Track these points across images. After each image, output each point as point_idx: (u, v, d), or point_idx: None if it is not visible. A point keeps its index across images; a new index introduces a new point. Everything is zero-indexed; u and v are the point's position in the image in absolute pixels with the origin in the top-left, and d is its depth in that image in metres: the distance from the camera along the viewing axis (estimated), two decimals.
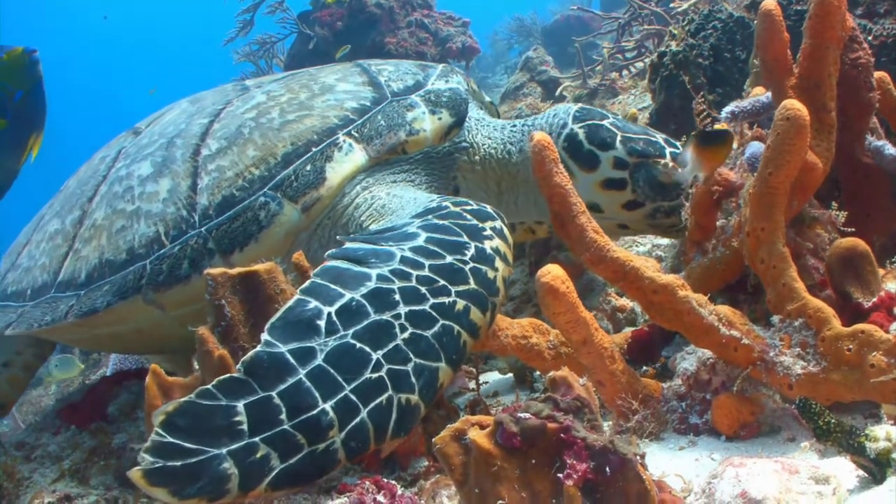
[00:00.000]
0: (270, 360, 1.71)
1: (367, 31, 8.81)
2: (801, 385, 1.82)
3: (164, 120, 3.18)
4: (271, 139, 2.74)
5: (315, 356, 1.74)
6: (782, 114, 1.84)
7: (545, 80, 8.06)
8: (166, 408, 1.56)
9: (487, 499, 1.34)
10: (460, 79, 3.12)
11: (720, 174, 2.17)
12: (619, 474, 1.32)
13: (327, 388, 1.69)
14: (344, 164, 2.68)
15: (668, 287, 1.93)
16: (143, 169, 2.89)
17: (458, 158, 3.01)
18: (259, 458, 1.55)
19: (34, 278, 3.04)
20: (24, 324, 2.93)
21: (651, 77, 4.24)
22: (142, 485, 1.45)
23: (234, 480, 1.50)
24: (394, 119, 2.80)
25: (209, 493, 1.48)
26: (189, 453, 1.51)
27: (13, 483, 2.61)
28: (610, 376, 1.96)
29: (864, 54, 2.26)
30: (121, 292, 2.70)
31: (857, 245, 1.99)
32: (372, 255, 2.05)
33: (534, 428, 1.33)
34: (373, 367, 1.76)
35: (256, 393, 1.64)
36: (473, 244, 2.12)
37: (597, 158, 2.80)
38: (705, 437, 1.96)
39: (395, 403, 1.73)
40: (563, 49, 10.66)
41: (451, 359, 1.88)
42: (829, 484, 1.56)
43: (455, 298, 1.96)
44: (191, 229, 2.67)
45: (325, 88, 2.94)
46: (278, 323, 1.80)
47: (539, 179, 2.07)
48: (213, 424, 1.57)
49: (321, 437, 1.63)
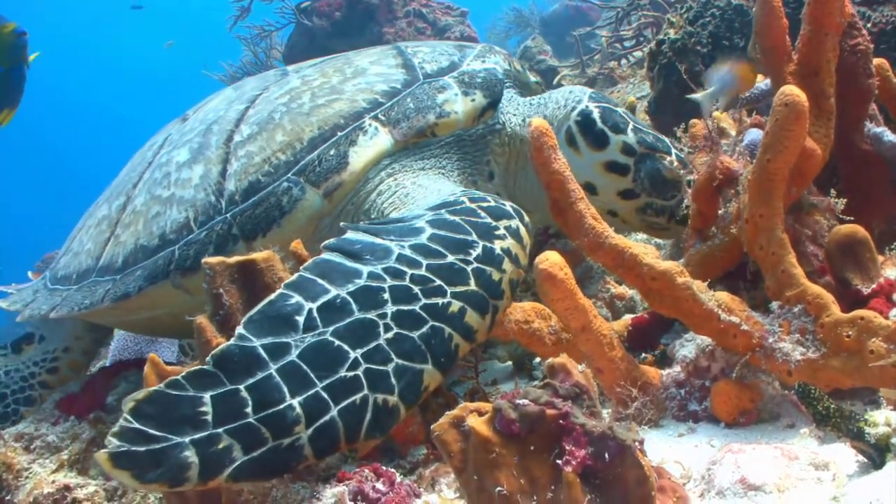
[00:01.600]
0: (241, 353, 1.68)
1: (366, 21, 8.80)
2: (801, 371, 1.82)
3: (207, 107, 3.21)
4: (300, 124, 2.72)
5: (289, 352, 1.71)
6: (781, 100, 1.83)
7: (543, 70, 8.05)
8: (136, 395, 1.56)
9: (486, 485, 1.34)
10: (499, 59, 3.04)
11: (721, 162, 2.17)
12: (618, 460, 1.31)
13: (297, 384, 1.66)
14: (368, 149, 2.63)
15: (666, 274, 1.92)
16: (181, 155, 2.92)
17: (492, 141, 2.93)
18: (221, 448, 1.53)
19: (80, 263, 3.11)
20: (66, 307, 2.99)
21: (649, 65, 4.24)
22: (106, 467, 1.45)
23: (195, 469, 1.49)
24: (423, 101, 2.74)
25: (169, 479, 1.48)
26: (153, 440, 1.50)
27: (13, 474, 2.61)
28: (609, 363, 1.96)
29: (862, 41, 2.25)
30: (151, 277, 2.73)
31: (856, 231, 1.99)
32: (368, 251, 1.99)
33: (532, 414, 1.33)
34: (349, 365, 1.72)
35: (224, 385, 1.62)
36: (482, 243, 2.04)
37: (607, 139, 2.77)
38: (704, 424, 1.96)
39: (370, 403, 1.69)
40: (561, 39, 10.66)
41: (438, 361, 1.81)
42: (828, 470, 1.57)
43: (450, 300, 1.90)
44: (217, 215, 2.67)
45: (357, 72, 2.91)
46: (256, 317, 1.77)
47: (537, 166, 2.06)
48: (179, 414, 1.56)
49: (286, 432, 1.60)
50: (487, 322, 1.95)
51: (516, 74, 3.16)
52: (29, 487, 2.50)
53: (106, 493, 2.45)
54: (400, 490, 1.69)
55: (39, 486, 2.45)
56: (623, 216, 2.87)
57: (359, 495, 1.65)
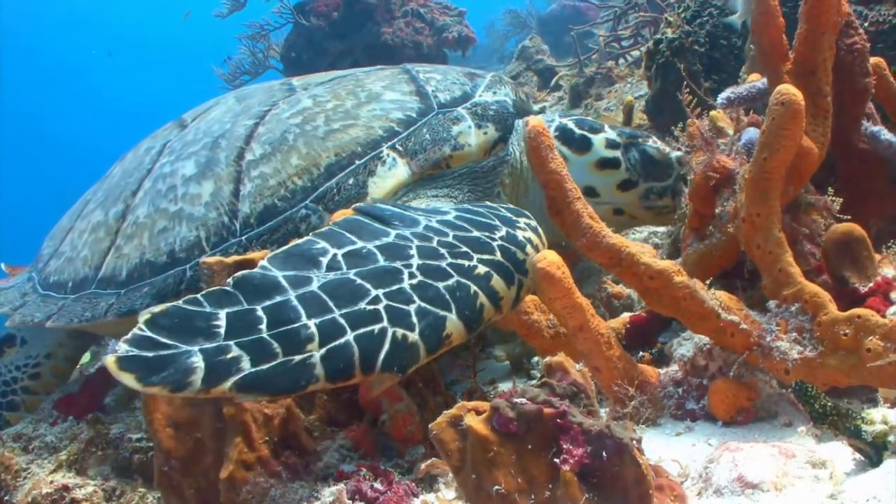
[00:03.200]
0: (262, 278, 1.71)
1: (364, 21, 8.80)
2: (798, 370, 1.82)
3: (209, 116, 3.16)
4: (315, 148, 2.72)
5: (310, 283, 1.73)
6: (777, 98, 1.84)
7: (541, 69, 8.06)
8: (153, 308, 1.58)
9: (484, 484, 1.34)
10: (507, 90, 3.08)
11: (718, 160, 2.17)
12: (616, 459, 1.31)
13: (314, 308, 1.67)
14: (387, 180, 2.65)
15: (664, 273, 1.92)
16: (187, 168, 2.88)
17: (501, 172, 2.97)
18: (229, 358, 1.53)
19: (76, 270, 3.04)
20: (64, 318, 2.93)
21: (647, 64, 4.24)
22: (113, 369, 1.45)
23: (199, 374, 1.49)
24: (439, 133, 2.76)
25: (172, 382, 1.47)
26: (163, 346, 1.51)
27: (11, 474, 2.61)
28: (606, 362, 1.96)
29: (859, 40, 2.25)
30: (160, 295, 2.69)
31: (853, 230, 1.99)
32: (398, 218, 2.03)
33: (530, 413, 1.33)
34: (370, 300, 1.72)
35: (241, 304, 1.64)
36: (505, 229, 2.10)
37: (589, 140, 2.93)
38: (702, 423, 1.96)
39: (388, 335, 1.67)
40: (559, 38, 10.67)
41: (462, 314, 1.79)
42: (825, 468, 1.57)
43: (476, 263, 1.92)
44: (231, 237, 2.65)
45: (371, 97, 2.91)
46: (281, 254, 1.80)
47: (534, 166, 2.07)
48: (193, 325, 1.57)
49: (298, 348, 1.59)
50: (513, 293, 1.95)
51: (520, 104, 3.19)
52: (27, 488, 2.49)
53: (104, 493, 2.44)
54: (398, 489, 1.70)
55: (38, 487, 2.44)
56: (629, 211, 2.97)
57: (357, 494, 1.65)
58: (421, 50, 8.69)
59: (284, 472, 1.73)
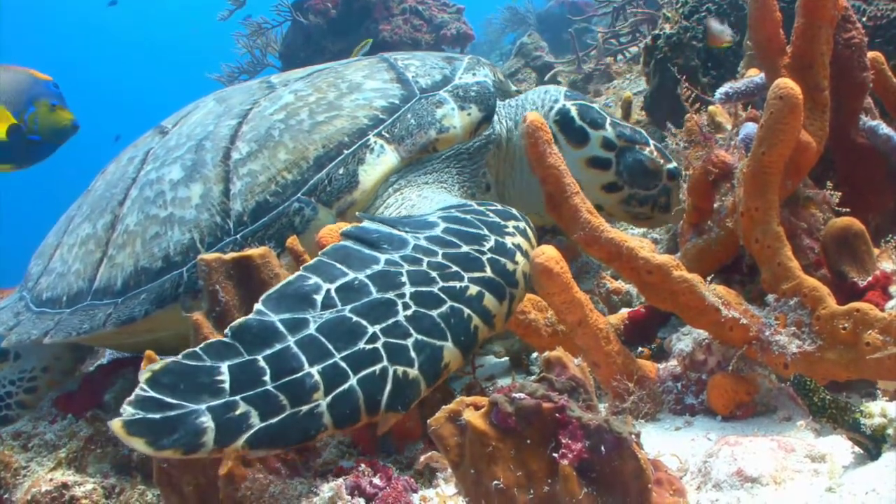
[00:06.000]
0: (259, 326, 1.70)
1: (362, 19, 8.79)
2: (797, 364, 1.82)
3: (190, 120, 3.13)
4: (302, 142, 2.72)
5: (307, 326, 1.72)
6: (775, 93, 1.83)
7: (540, 66, 8.03)
8: (153, 367, 1.57)
9: (483, 479, 1.34)
10: (487, 70, 3.09)
11: (717, 155, 2.17)
12: (615, 453, 1.31)
13: (316, 354, 1.67)
14: (376, 167, 2.67)
15: (662, 267, 1.92)
16: (173, 173, 2.86)
17: (486, 153, 2.98)
18: (238, 415, 1.53)
19: (69, 284, 3.01)
20: (62, 332, 2.91)
21: (645, 60, 4.24)
22: (121, 434, 1.45)
23: (210, 434, 1.48)
24: (423, 117, 2.77)
25: (184, 444, 1.47)
26: (169, 407, 1.50)
27: (10, 472, 2.62)
28: (605, 357, 1.96)
29: (857, 34, 2.25)
30: (158, 301, 2.69)
31: (852, 224, 1.99)
32: (385, 240, 2.02)
33: (529, 408, 1.33)
34: (368, 339, 1.72)
35: (242, 356, 1.63)
36: (494, 237, 2.08)
37: (587, 135, 2.90)
38: (701, 418, 1.96)
39: (389, 374, 1.68)
40: (557, 35, 10.64)
41: (458, 340, 1.81)
42: (825, 462, 1.57)
43: (468, 284, 1.92)
44: (226, 236, 2.66)
45: (353, 87, 2.91)
46: (274, 295, 1.79)
47: (532, 160, 2.06)
48: (196, 382, 1.56)
49: (305, 398, 1.59)
50: (505, 308, 1.96)
51: (500, 85, 3.20)
52: (27, 486, 2.50)
53: (104, 490, 2.45)
54: (397, 485, 1.69)
55: (37, 485, 2.44)
56: (608, 209, 2.97)
57: (356, 490, 1.65)
58: (419, 47, 8.67)
59: (283, 469, 1.73)
